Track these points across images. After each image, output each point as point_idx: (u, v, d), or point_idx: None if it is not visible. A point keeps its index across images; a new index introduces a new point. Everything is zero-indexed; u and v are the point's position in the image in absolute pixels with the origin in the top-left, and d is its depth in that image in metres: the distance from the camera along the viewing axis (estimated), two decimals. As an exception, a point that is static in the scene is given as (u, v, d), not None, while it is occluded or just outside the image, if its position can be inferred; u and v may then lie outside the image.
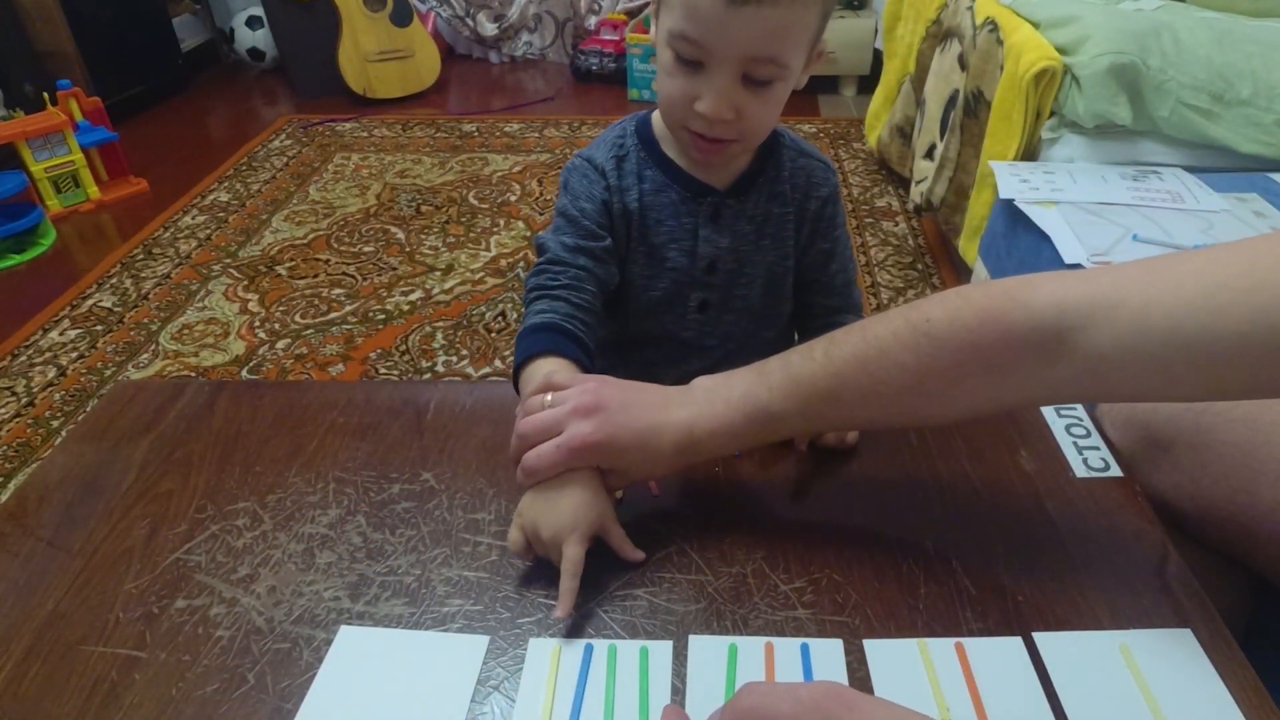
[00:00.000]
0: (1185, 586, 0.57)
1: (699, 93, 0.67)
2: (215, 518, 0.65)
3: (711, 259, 0.79)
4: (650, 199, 0.78)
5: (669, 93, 0.69)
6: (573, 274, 0.74)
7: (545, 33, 3.79)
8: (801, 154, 0.81)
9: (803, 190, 0.81)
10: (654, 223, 0.79)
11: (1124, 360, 0.48)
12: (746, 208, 0.79)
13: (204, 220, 2.49)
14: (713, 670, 0.53)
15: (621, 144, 0.80)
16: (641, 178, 0.78)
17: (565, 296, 0.73)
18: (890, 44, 2.55)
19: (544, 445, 0.58)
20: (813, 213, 0.82)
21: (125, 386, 0.82)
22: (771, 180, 0.80)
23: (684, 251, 0.79)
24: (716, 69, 0.65)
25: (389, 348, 1.89)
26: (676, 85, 0.68)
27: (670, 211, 0.78)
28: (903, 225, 2.35)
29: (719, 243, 0.79)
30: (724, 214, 0.79)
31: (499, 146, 2.93)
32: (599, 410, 0.58)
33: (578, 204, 0.77)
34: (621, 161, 0.79)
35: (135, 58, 3.22)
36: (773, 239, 0.81)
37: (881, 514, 0.64)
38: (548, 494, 0.58)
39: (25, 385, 1.80)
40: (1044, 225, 1.34)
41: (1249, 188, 1.45)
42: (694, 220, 0.78)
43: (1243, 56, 1.49)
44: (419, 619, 0.57)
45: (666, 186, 0.78)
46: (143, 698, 0.52)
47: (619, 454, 0.59)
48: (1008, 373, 0.52)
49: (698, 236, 0.79)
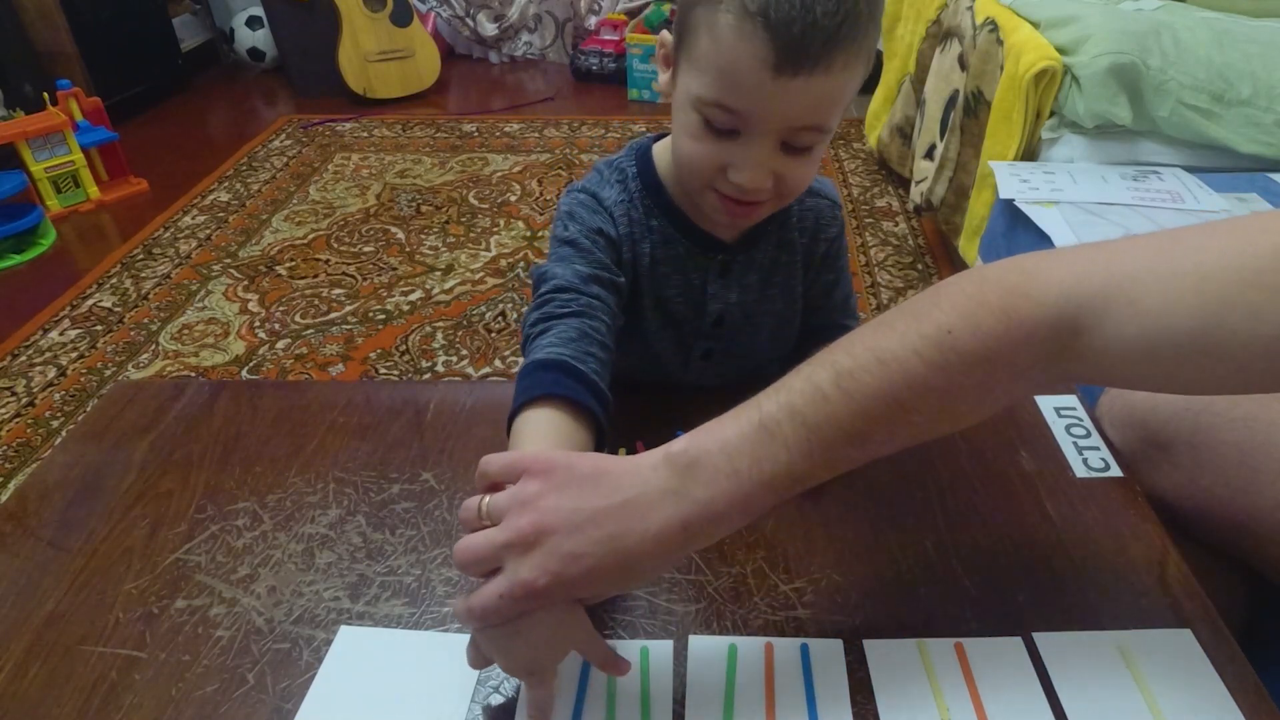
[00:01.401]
0: (1185, 586, 0.57)
1: (732, 160, 0.60)
2: (215, 518, 0.65)
3: (719, 314, 0.76)
4: (659, 251, 0.73)
5: (695, 158, 0.62)
6: (585, 302, 0.64)
7: (545, 33, 3.78)
8: (810, 194, 0.76)
9: (810, 233, 0.77)
10: (662, 276, 0.74)
11: (1144, 357, 0.45)
12: (755, 258, 0.76)
13: (204, 220, 2.49)
14: (713, 670, 0.53)
15: (624, 186, 0.73)
16: (649, 228, 0.73)
17: (578, 327, 0.62)
18: (890, 44, 2.55)
19: (486, 589, 0.46)
20: (820, 254, 0.79)
21: (125, 386, 0.82)
22: (780, 228, 0.76)
23: (691, 306, 0.75)
24: (756, 139, 0.58)
25: (389, 348, 1.89)
26: (705, 151, 0.60)
27: (678, 265, 0.74)
28: (903, 225, 2.35)
29: (727, 298, 0.76)
30: (733, 269, 0.75)
31: (499, 146, 2.93)
32: (539, 541, 0.45)
33: (588, 234, 0.69)
34: (630, 208, 0.72)
35: (135, 58, 3.22)
36: (780, 288, 0.78)
37: (881, 514, 0.64)
38: (505, 627, 0.47)
39: (25, 385, 1.80)
40: (1044, 225, 1.34)
41: (1249, 188, 1.45)
42: (702, 275, 0.74)
43: (1243, 56, 1.49)
44: (419, 619, 0.57)
45: (674, 239, 0.73)
46: (143, 698, 0.52)
47: (583, 585, 0.46)
48: (1029, 372, 0.48)
49: (705, 293, 0.75)
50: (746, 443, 0.47)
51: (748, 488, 0.47)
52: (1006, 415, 0.74)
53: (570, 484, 0.47)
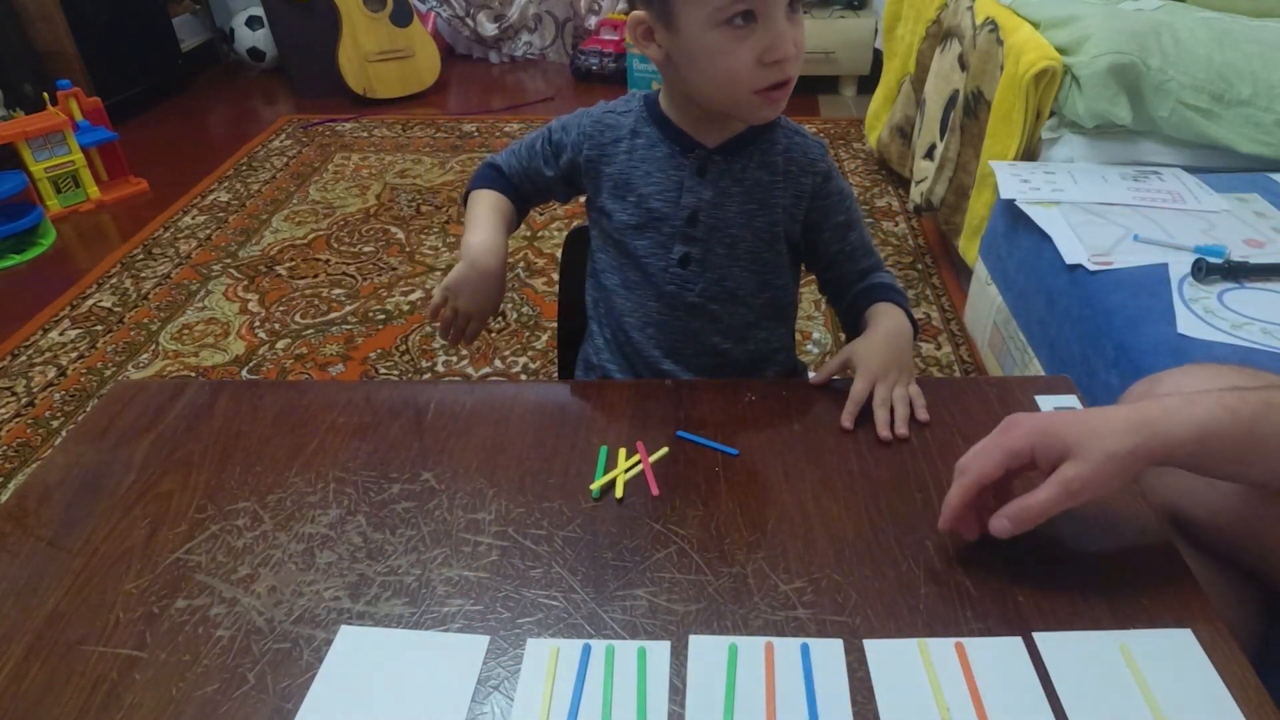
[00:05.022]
0: (1185, 586, 0.57)
1: (763, 45, 0.70)
2: (215, 518, 0.65)
3: (693, 209, 0.82)
4: (643, 153, 0.83)
5: (734, 68, 0.71)
6: (505, 183, 0.90)
7: (545, 33, 3.78)
8: (796, 132, 0.84)
9: (798, 164, 0.83)
10: (643, 175, 0.83)
11: None
12: (734, 168, 0.82)
13: (204, 220, 2.49)
14: (713, 670, 0.53)
15: (629, 103, 0.87)
16: (639, 134, 0.84)
17: (503, 182, 0.90)
18: (890, 44, 2.55)
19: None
20: (811, 189, 0.83)
21: (125, 386, 0.82)
22: (764, 150, 0.82)
23: (668, 201, 0.83)
24: (771, 12, 0.69)
25: (389, 348, 1.89)
26: (738, 56, 0.70)
27: (659, 165, 0.83)
28: (903, 225, 2.35)
29: (702, 194, 0.82)
30: (710, 168, 0.82)
31: (499, 147, 2.90)
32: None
33: (547, 146, 0.89)
34: (624, 117, 0.85)
35: (135, 58, 3.22)
36: (760, 204, 0.83)
37: (881, 514, 0.64)
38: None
39: (25, 385, 1.80)
40: (1044, 225, 1.34)
41: (1249, 188, 1.45)
42: (680, 174, 0.82)
43: (1243, 56, 1.49)
44: (419, 619, 0.57)
45: (658, 143, 0.83)
46: (143, 698, 0.52)
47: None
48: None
49: (682, 186, 0.82)
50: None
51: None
52: (1007, 415, 0.73)
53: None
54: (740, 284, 0.85)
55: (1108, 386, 1.09)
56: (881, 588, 0.58)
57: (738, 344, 0.88)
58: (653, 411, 0.75)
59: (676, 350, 0.87)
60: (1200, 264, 1.17)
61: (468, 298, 0.83)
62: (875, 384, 0.74)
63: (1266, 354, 1.02)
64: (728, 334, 0.87)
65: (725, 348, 0.87)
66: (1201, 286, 1.16)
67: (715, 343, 0.87)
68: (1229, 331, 1.06)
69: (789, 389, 0.80)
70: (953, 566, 0.59)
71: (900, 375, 0.75)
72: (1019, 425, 0.58)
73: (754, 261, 0.84)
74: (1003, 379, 0.95)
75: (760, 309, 0.87)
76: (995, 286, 1.56)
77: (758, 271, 0.85)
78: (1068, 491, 0.54)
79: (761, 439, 0.72)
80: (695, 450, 0.71)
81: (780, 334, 0.92)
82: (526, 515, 0.65)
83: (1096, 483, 0.54)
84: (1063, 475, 0.55)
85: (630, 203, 0.84)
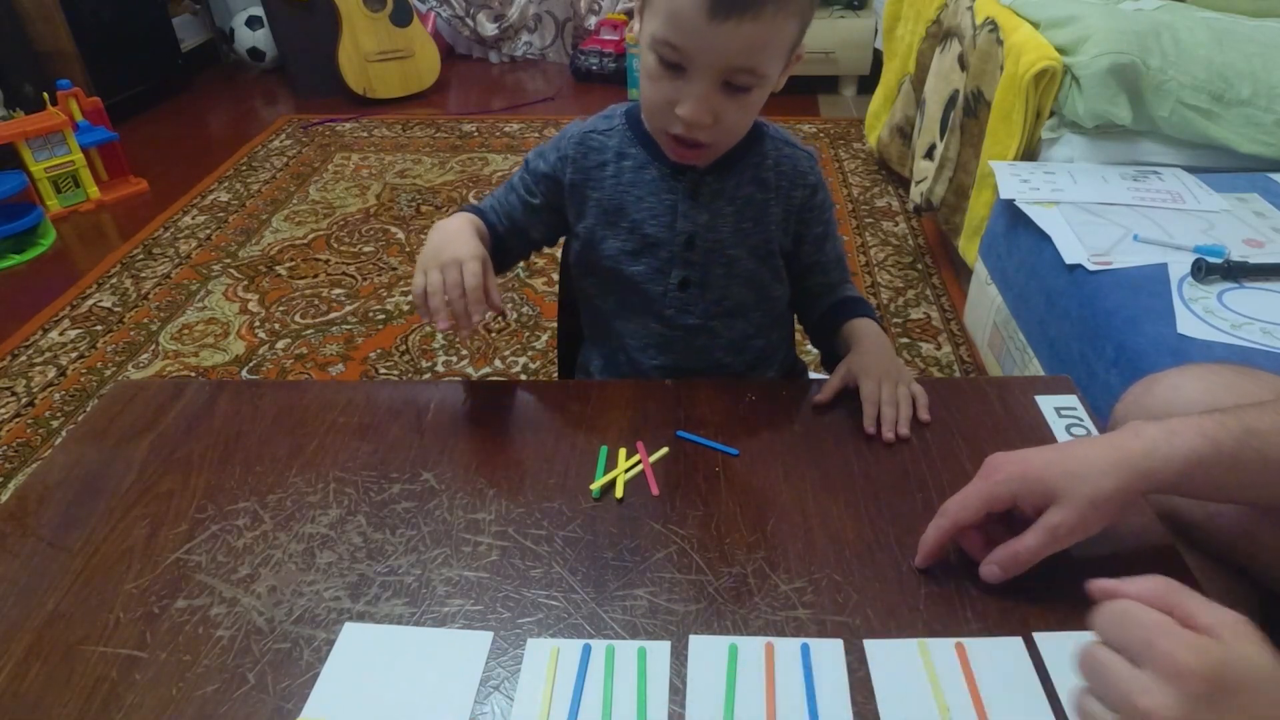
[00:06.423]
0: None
1: (679, 97, 0.69)
2: (215, 518, 0.65)
3: (690, 234, 0.81)
4: (631, 176, 0.82)
5: (651, 97, 0.72)
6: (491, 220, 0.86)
7: (545, 33, 3.78)
8: (786, 144, 0.84)
9: (788, 178, 0.83)
10: (635, 200, 0.81)
11: None
12: (726, 188, 0.81)
13: (204, 220, 2.49)
14: (713, 670, 0.53)
15: (611, 121, 0.84)
16: (626, 155, 0.82)
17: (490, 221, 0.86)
18: (890, 44, 2.55)
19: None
20: (800, 201, 0.83)
21: (125, 386, 0.82)
22: (755, 166, 0.82)
23: (663, 226, 0.82)
24: (697, 76, 0.67)
25: (389, 348, 1.89)
26: (658, 90, 0.70)
27: (650, 189, 0.81)
28: (903, 225, 2.35)
29: (697, 219, 0.81)
30: (703, 191, 0.81)
31: (499, 147, 2.93)
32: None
33: (534, 182, 0.85)
34: (608, 137, 0.83)
35: (135, 58, 3.22)
36: (754, 222, 0.82)
37: (882, 514, 0.64)
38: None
39: (25, 385, 1.80)
40: (1044, 225, 1.34)
41: (1249, 188, 1.45)
42: (673, 198, 0.81)
43: (1243, 56, 1.49)
44: (419, 619, 0.57)
45: (648, 164, 0.81)
46: (143, 698, 0.52)
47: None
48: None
49: (676, 211, 0.81)
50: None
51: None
52: (1007, 415, 0.74)
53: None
54: (740, 300, 0.85)
55: (1107, 386, 1.09)
56: (882, 588, 0.58)
57: (739, 356, 0.88)
58: (653, 411, 0.75)
59: (679, 366, 0.87)
60: (1200, 264, 1.17)
61: (449, 254, 0.75)
62: (881, 384, 0.74)
63: (1266, 354, 1.02)
64: (729, 348, 0.87)
65: (727, 361, 0.88)
66: (1201, 286, 1.16)
67: (718, 357, 0.87)
68: (1229, 331, 1.06)
69: (789, 389, 0.80)
70: (953, 566, 0.59)
71: (901, 376, 0.75)
72: (1000, 469, 0.58)
73: (752, 277, 0.84)
74: (1003, 379, 0.95)
75: (760, 320, 0.88)
76: (995, 286, 1.56)
77: (756, 286, 0.85)
78: (1054, 538, 0.55)
79: (762, 439, 0.72)
80: (695, 450, 0.71)
81: (779, 338, 0.93)
82: (526, 515, 0.65)
83: (1082, 528, 0.55)
84: (1048, 522, 0.55)
85: (623, 229, 0.82)
